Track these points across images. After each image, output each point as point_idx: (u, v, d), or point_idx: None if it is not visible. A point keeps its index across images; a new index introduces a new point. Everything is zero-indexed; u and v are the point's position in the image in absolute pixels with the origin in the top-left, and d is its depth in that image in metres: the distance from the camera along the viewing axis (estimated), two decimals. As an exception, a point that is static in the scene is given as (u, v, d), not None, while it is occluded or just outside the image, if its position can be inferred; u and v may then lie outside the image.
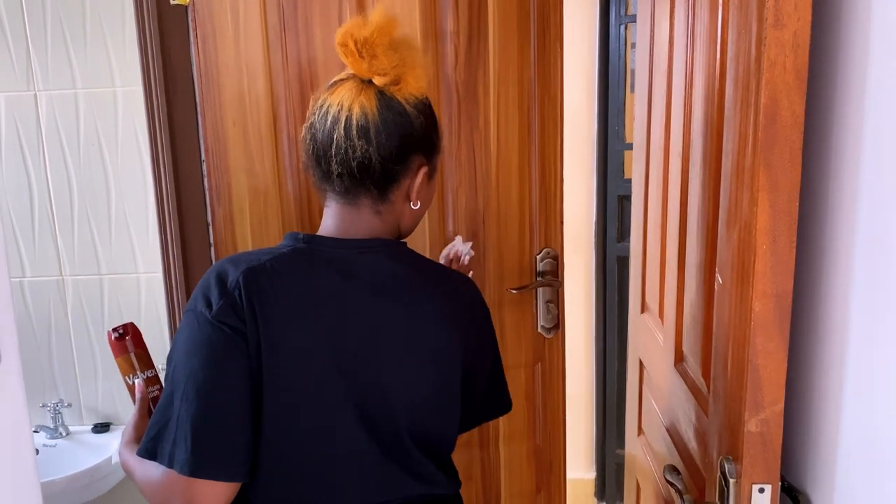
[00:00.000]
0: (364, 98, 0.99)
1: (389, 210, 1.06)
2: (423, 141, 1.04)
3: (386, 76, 0.99)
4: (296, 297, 0.99)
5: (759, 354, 0.82)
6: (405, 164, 1.03)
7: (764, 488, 0.85)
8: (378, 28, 0.98)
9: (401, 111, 1.01)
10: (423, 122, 1.04)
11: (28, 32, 1.94)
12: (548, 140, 1.62)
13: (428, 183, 1.09)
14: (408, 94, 1.01)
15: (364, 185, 1.02)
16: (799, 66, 0.76)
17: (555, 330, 1.67)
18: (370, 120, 0.99)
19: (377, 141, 0.99)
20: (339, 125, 1.00)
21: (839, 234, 0.82)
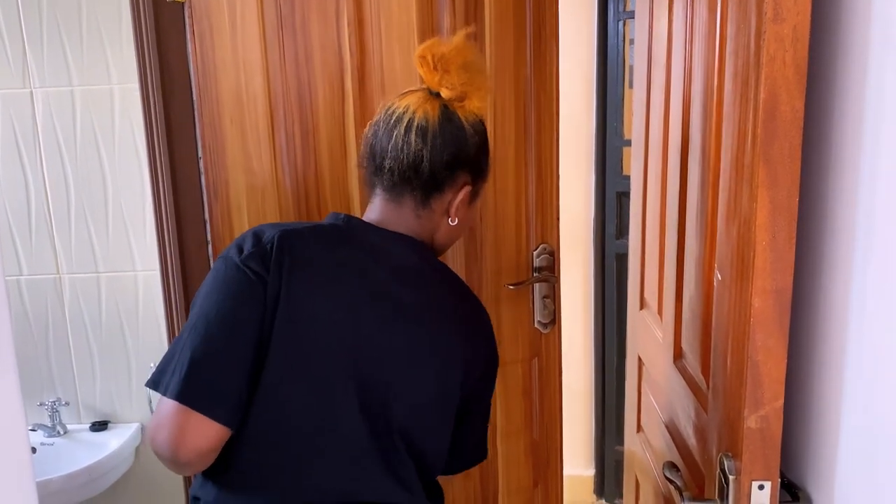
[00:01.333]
0: (429, 106, 1.07)
1: (428, 217, 1.11)
2: (473, 160, 1.11)
3: (453, 91, 1.07)
4: (323, 265, 1.05)
5: (758, 351, 0.82)
6: (452, 176, 1.09)
7: (763, 485, 0.85)
8: (456, 47, 1.07)
9: (459, 126, 1.08)
10: (477, 143, 1.11)
11: (24, 30, 1.93)
12: (544, 136, 1.61)
13: (469, 205, 1.15)
14: (469, 113, 1.09)
15: (410, 185, 1.09)
16: (798, 61, 0.75)
17: (551, 325, 1.67)
18: (430, 125, 1.06)
19: (432, 145, 1.06)
20: (401, 124, 1.07)
21: (839, 229, 0.82)
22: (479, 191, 1.17)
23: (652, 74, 1.38)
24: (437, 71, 1.07)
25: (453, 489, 1.72)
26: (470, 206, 1.16)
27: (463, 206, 1.13)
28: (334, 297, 1.04)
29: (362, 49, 1.48)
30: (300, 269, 1.02)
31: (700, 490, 1.05)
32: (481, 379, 1.16)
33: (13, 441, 0.68)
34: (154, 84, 1.53)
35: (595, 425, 2.81)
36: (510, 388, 1.68)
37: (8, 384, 0.67)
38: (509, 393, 1.68)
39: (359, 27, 1.47)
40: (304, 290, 1.02)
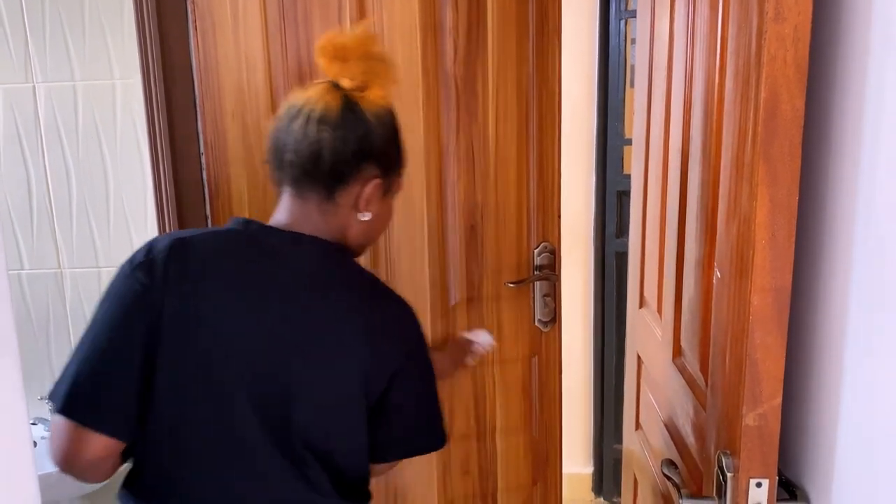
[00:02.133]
0: (329, 97, 1.05)
1: (335, 213, 1.08)
2: (379, 152, 1.08)
3: (353, 80, 1.06)
4: (216, 273, 1.03)
5: (757, 349, 0.82)
6: (357, 168, 1.06)
7: (761, 482, 0.85)
8: (355, 38, 1.06)
9: (362, 117, 1.06)
10: (384, 134, 1.08)
11: (27, 24, 1.93)
12: (546, 134, 1.61)
13: (382, 199, 1.12)
14: (372, 103, 1.06)
15: (312, 178, 1.06)
16: (799, 61, 0.76)
17: (552, 324, 1.68)
18: (330, 116, 1.04)
19: (332, 136, 1.04)
20: (300, 117, 1.05)
21: (839, 228, 0.82)
22: (394, 184, 1.14)
23: (653, 73, 1.38)
24: (337, 61, 1.05)
25: (452, 486, 1.73)
26: (384, 199, 1.13)
27: (375, 200, 1.10)
28: (227, 304, 1.02)
29: (364, 45, 1.48)
30: (191, 278, 1.01)
31: (698, 488, 1.05)
32: (399, 376, 1.09)
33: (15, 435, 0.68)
34: (156, 79, 1.53)
35: (594, 424, 2.81)
36: (510, 386, 1.69)
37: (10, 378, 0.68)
38: (509, 391, 1.68)
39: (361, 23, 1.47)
40: (195, 299, 1.00)
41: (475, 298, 1.65)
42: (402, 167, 1.15)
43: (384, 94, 1.08)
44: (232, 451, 1.04)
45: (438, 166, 1.56)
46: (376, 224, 1.15)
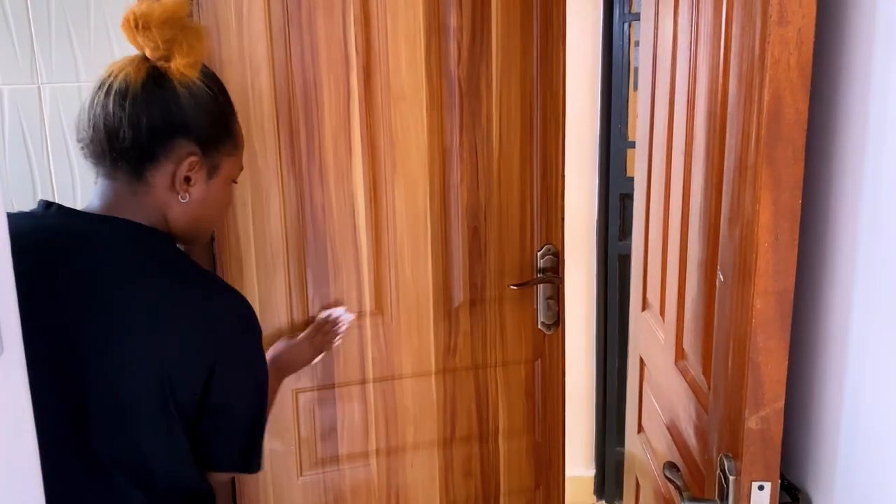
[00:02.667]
0: (132, 68, 0.98)
1: (147, 192, 1.00)
2: (192, 126, 1.00)
3: (156, 50, 0.97)
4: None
5: (759, 352, 0.82)
6: (165, 145, 0.98)
7: (763, 485, 0.85)
8: (160, 5, 0.97)
9: (171, 89, 0.98)
10: (196, 107, 1.00)
11: (32, 25, 1.94)
12: (549, 136, 1.62)
13: (208, 180, 1.04)
14: (181, 74, 0.98)
15: (116, 155, 0.98)
16: (803, 64, 0.76)
17: (555, 326, 1.68)
18: (130, 89, 0.97)
19: (131, 111, 0.96)
20: (102, 90, 0.98)
21: (842, 231, 0.82)
22: (222, 164, 1.05)
23: (657, 76, 1.38)
24: (139, 30, 0.97)
25: (454, 488, 1.73)
26: (211, 181, 1.04)
27: (198, 181, 1.02)
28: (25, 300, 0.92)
29: (368, 47, 1.48)
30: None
31: (700, 491, 1.05)
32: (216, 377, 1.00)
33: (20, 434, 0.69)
34: (161, 80, 1.53)
35: (596, 426, 2.81)
36: (513, 388, 1.69)
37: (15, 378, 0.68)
38: (512, 393, 1.69)
39: (365, 25, 1.47)
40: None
41: (478, 301, 1.65)
42: (229, 146, 1.06)
43: (191, 63, 0.98)
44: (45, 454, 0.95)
45: (442, 168, 1.56)
46: (207, 209, 1.06)
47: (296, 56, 1.47)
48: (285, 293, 1.55)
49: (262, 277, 1.54)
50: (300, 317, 1.58)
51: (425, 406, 1.66)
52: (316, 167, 1.52)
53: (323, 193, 1.53)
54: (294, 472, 1.64)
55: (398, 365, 1.63)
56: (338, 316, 1.55)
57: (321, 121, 1.50)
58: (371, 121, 1.51)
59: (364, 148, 1.52)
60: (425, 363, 1.65)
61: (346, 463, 1.66)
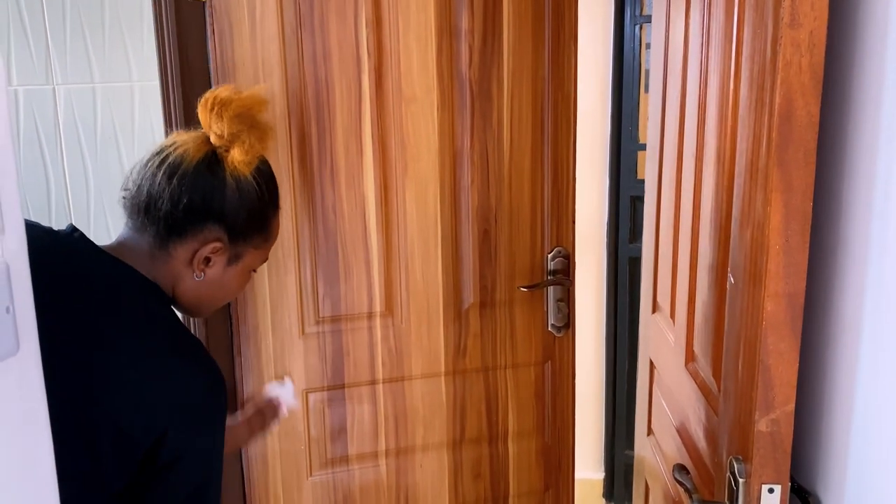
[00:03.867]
0: (193, 147, 1.02)
1: (165, 262, 1.03)
2: (228, 216, 1.03)
3: (221, 138, 1.02)
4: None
5: (770, 354, 0.82)
6: (195, 225, 1.02)
7: (773, 488, 0.85)
8: (239, 97, 1.02)
9: (220, 177, 1.02)
10: (238, 201, 1.03)
11: (47, 27, 1.96)
12: (561, 139, 1.62)
13: (226, 266, 1.07)
14: (232, 167, 1.02)
15: (147, 219, 1.02)
16: (815, 66, 0.76)
17: (565, 329, 1.68)
18: (183, 166, 1.01)
19: (176, 186, 1.00)
20: (159, 156, 1.02)
21: (853, 234, 0.82)
22: (244, 255, 1.08)
23: (668, 78, 1.38)
24: (212, 114, 1.01)
25: (464, 490, 1.73)
26: (229, 267, 1.07)
27: (217, 264, 1.05)
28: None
29: (380, 49, 1.49)
30: None
31: (710, 493, 1.05)
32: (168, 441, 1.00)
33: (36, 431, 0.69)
34: (174, 82, 1.55)
35: (605, 429, 2.81)
36: (522, 390, 1.69)
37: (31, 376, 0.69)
38: (521, 396, 1.69)
39: (377, 27, 1.48)
40: None
41: (488, 302, 1.65)
42: (259, 240, 1.09)
43: (247, 161, 1.02)
44: None
45: (452, 170, 1.57)
46: (215, 291, 1.09)
47: (308, 58, 1.48)
48: (296, 293, 1.56)
49: (273, 278, 1.55)
50: (311, 317, 1.59)
51: (435, 407, 1.67)
52: (327, 168, 1.52)
53: (334, 195, 1.54)
54: (304, 472, 1.65)
55: (408, 366, 1.63)
56: (276, 397, 1.44)
57: (332, 122, 1.50)
58: (382, 123, 1.52)
59: (375, 149, 1.53)
60: (435, 364, 1.65)
61: (355, 463, 1.67)
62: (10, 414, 0.66)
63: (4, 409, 0.65)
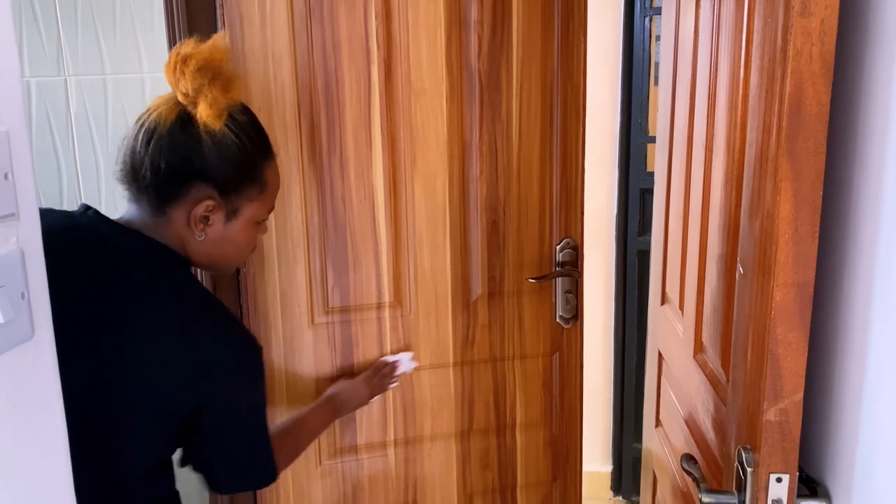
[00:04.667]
0: (165, 109, 1.02)
1: (165, 226, 1.05)
2: (212, 173, 1.03)
3: (186, 97, 1.01)
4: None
5: (779, 344, 0.82)
6: (182, 187, 1.02)
7: (782, 478, 0.85)
8: (198, 50, 1.00)
9: (195, 134, 1.01)
10: (218, 155, 1.02)
11: (59, 18, 1.97)
12: (570, 130, 1.62)
13: (226, 223, 1.07)
14: (202, 122, 1.01)
15: (138, 187, 1.03)
16: (825, 55, 0.75)
17: (573, 320, 1.68)
18: (157, 130, 1.01)
19: (154, 152, 1.01)
20: (137, 124, 1.03)
21: (863, 224, 0.82)
22: (240, 208, 1.07)
23: (677, 69, 1.38)
24: (175, 73, 1.00)
25: (472, 480, 1.74)
26: (229, 223, 1.07)
27: (216, 219, 1.06)
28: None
29: (389, 40, 1.49)
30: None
31: (718, 483, 1.05)
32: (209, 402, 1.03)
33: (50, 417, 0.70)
34: (185, 73, 1.55)
35: (613, 422, 2.81)
36: (530, 381, 1.69)
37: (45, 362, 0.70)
38: (529, 387, 1.69)
39: (386, 18, 1.48)
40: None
41: (496, 294, 1.66)
42: (253, 191, 1.08)
43: (214, 114, 1.01)
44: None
45: (461, 161, 1.57)
46: (225, 248, 1.09)
47: (317, 49, 1.48)
48: (305, 283, 1.57)
49: (282, 268, 1.56)
50: (320, 307, 1.59)
51: (443, 398, 1.68)
52: (336, 160, 1.53)
53: (343, 186, 1.54)
54: (313, 462, 1.66)
55: (416, 356, 1.64)
56: (395, 361, 1.58)
57: (342, 114, 1.51)
58: (391, 114, 1.52)
59: (384, 141, 1.53)
60: (443, 355, 1.66)
61: (364, 453, 1.68)
62: (24, 398, 0.67)
63: (19, 393, 0.66)
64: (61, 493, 0.71)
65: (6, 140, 0.64)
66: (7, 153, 0.64)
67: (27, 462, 0.67)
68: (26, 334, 0.67)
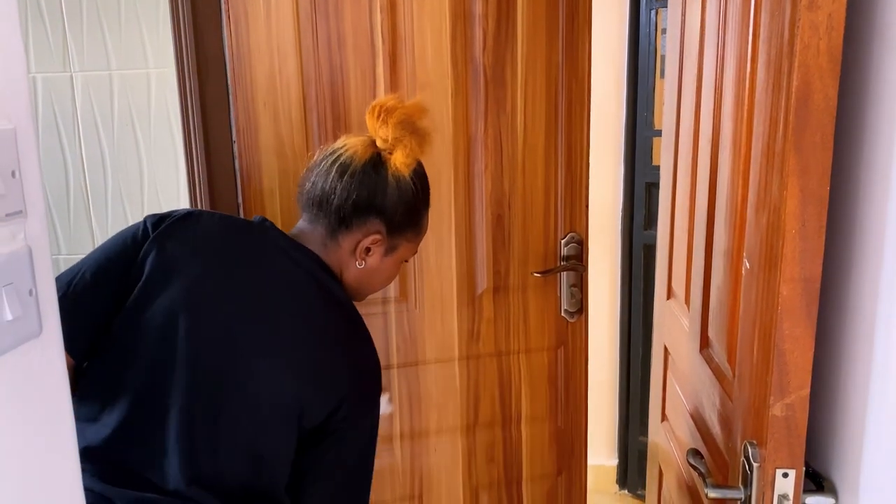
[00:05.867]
0: (361, 149, 1.15)
1: (334, 251, 1.17)
2: (388, 211, 1.16)
3: (385, 143, 1.14)
4: (205, 242, 1.12)
5: (785, 339, 0.82)
6: (360, 219, 1.15)
7: (788, 473, 0.85)
8: (403, 106, 1.15)
9: (383, 176, 1.14)
10: (398, 198, 1.16)
11: (65, 15, 1.97)
12: (574, 124, 1.61)
13: (383, 256, 1.20)
14: (399, 168, 1.14)
15: (320, 213, 1.16)
16: (833, 49, 0.75)
17: (578, 314, 1.68)
18: (353, 164, 1.14)
19: (346, 184, 1.13)
20: (331, 157, 1.16)
21: (870, 219, 0.81)
22: (399, 247, 1.21)
23: (684, 63, 1.37)
24: (378, 120, 1.14)
25: (477, 473, 1.74)
26: (385, 257, 1.20)
27: (376, 251, 1.18)
28: (196, 276, 1.08)
29: (394, 34, 1.49)
30: (179, 241, 1.11)
31: (724, 478, 1.05)
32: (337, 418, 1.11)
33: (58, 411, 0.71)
34: (190, 68, 1.56)
35: (619, 416, 2.81)
36: (535, 375, 1.69)
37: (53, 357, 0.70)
38: (535, 380, 1.69)
39: (391, 12, 1.48)
40: (172, 258, 1.09)
41: (501, 288, 1.66)
42: (412, 234, 1.22)
43: (407, 163, 1.14)
44: (142, 436, 1.05)
45: (466, 155, 1.57)
46: (373, 278, 1.21)
47: (322, 43, 1.48)
48: (311, 279, 1.57)
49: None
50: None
51: (448, 391, 1.68)
52: (342, 154, 1.53)
53: (349, 180, 1.54)
54: (319, 456, 1.66)
55: (422, 351, 1.65)
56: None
57: (347, 108, 1.51)
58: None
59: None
60: (449, 349, 1.66)
61: (370, 447, 1.68)
62: (33, 394, 0.67)
63: (27, 390, 0.66)
64: (69, 489, 0.71)
65: (13, 138, 0.64)
66: (14, 151, 0.64)
67: (35, 458, 0.67)
68: (34, 331, 0.67)
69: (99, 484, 1.03)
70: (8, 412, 0.64)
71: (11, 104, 0.64)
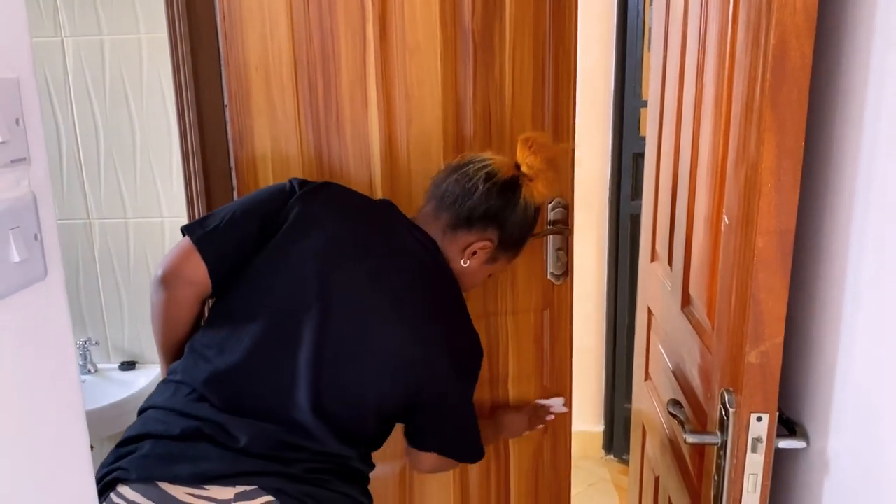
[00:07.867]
0: (505, 167, 1.28)
1: (450, 243, 1.29)
2: (508, 228, 1.28)
3: (530, 170, 1.26)
4: (343, 208, 1.26)
5: (760, 289, 0.86)
6: (482, 224, 1.27)
7: (762, 417, 0.89)
8: (554, 146, 1.30)
9: (516, 196, 1.27)
10: (520, 219, 1.28)
11: (54, -22, 1.96)
12: (561, 92, 1.63)
13: (485, 262, 1.31)
14: (532, 195, 1.27)
15: (451, 208, 1.27)
16: (809, 8, 0.78)
17: (564, 277, 1.71)
18: (496, 179, 1.26)
19: (484, 191, 1.25)
20: (477, 164, 1.28)
21: (843, 173, 0.84)
22: (500, 258, 1.32)
23: (669, 30, 1.39)
24: (529, 151, 1.26)
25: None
26: (485, 263, 1.31)
27: (480, 256, 1.29)
28: (336, 231, 1.21)
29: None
30: (323, 200, 1.25)
31: (702, 427, 1.09)
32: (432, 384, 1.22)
33: (63, 354, 0.73)
34: (182, 33, 1.56)
35: (605, 383, 2.86)
36: (522, 335, 1.73)
37: (58, 300, 0.72)
38: (521, 340, 1.73)
39: (381, -25, 1.49)
40: (315, 213, 1.22)
41: (490, 252, 1.68)
42: (511, 254, 1.34)
43: (542, 194, 1.27)
44: (273, 362, 1.15)
45: (455, 121, 1.59)
46: (465, 278, 1.32)
47: (313, 7, 1.49)
48: (303, 242, 1.59)
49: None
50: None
51: (438, 354, 1.71)
52: (333, 119, 1.55)
53: (340, 145, 1.56)
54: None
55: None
56: (549, 405, 1.72)
57: (338, 72, 1.52)
58: (387, 72, 1.54)
59: (379, 99, 1.55)
60: (439, 312, 1.68)
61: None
62: (37, 338, 0.69)
63: (32, 333, 0.69)
64: (73, 429, 0.74)
65: (17, 86, 0.66)
66: (18, 99, 0.66)
67: (39, 400, 0.70)
68: (40, 274, 0.69)
69: (220, 415, 1.12)
70: (16, 348, 0.66)
71: (14, 55, 0.66)
